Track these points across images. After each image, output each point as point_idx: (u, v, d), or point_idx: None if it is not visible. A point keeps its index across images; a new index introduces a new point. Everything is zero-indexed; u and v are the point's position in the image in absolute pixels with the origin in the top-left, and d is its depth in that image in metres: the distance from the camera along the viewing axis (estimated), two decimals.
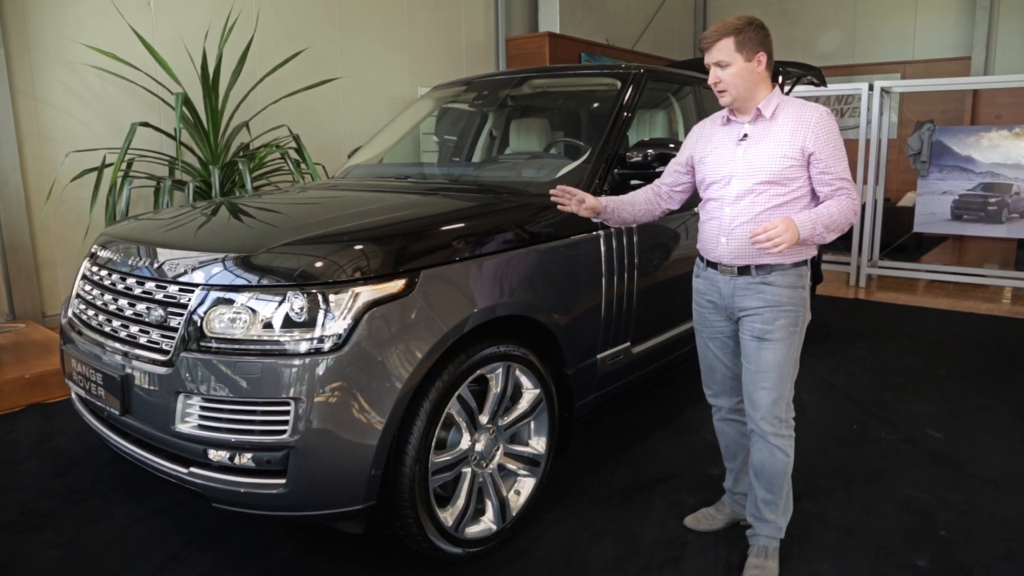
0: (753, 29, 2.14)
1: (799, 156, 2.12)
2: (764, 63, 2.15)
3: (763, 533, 2.35)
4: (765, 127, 2.18)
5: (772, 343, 2.20)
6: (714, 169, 2.26)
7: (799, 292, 2.22)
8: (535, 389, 2.47)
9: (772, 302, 2.19)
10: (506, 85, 3.82)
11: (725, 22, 2.15)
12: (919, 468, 3.05)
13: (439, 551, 2.21)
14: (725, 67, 2.15)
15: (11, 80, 4.56)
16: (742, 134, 2.21)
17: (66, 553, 2.39)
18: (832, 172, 2.11)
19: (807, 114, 2.13)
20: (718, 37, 2.14)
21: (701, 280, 2.38)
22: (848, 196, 2.12)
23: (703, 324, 2.41)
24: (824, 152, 2.10)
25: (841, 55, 11.15)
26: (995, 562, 2.37)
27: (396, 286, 2.05)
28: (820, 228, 2.07)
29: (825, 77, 5.26)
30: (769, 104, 2.17)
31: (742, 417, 2.44)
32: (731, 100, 2.18)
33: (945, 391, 3.98)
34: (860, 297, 6.58)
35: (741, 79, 2.14)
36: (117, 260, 2.37)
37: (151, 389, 2.07)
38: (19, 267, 4.73)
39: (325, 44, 6.41)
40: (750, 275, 2.21)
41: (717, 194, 2.25)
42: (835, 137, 2.13)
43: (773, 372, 2.22)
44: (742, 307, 2.25)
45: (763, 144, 2.16)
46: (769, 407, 2.25)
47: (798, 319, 2.22)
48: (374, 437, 1.96)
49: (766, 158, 2.14)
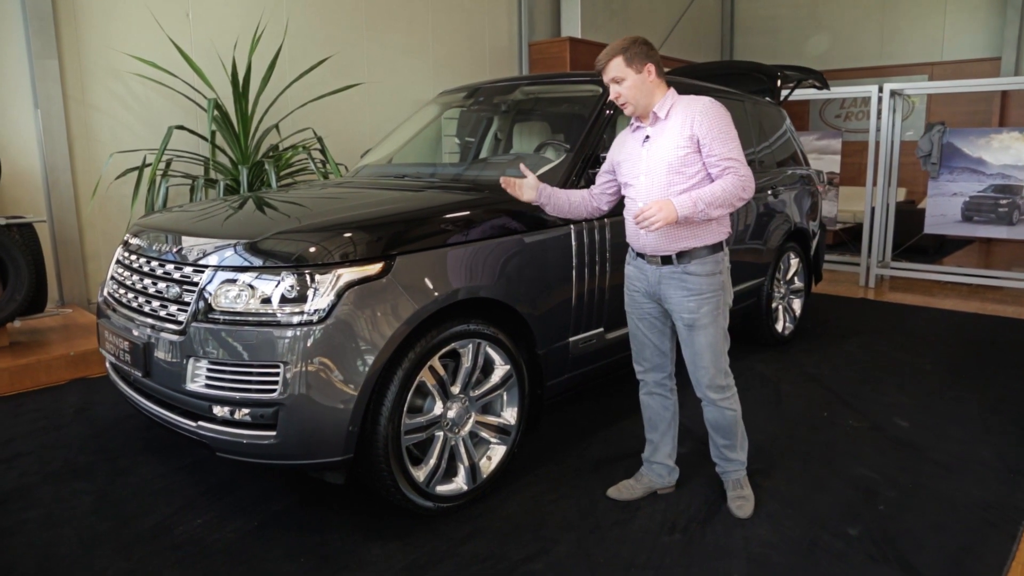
0: (637, 46, 2.45)
1: (690, 144, 2.41)
2: (654, 72, 2.46)
3: (731, 470, 2.75)
4: (662, 126, 2.48)
5: (701, 328, 2.52)
6: (627, 170, 2.58)
7: (718, 278, 2.53)
8: (505, 365, 2.76)
9: (695, 291, 2.50)
10: (504, 91, 4.12)
11: (612, 45, 2.48)
12: (878, 452, 3.25)
13: (412, 503, 2.52)
14: (621, 82, 2.46)
15: (64, 87, 5.03)
16: (645, 136, 2.53)
17: (98, 499, 2.77)
18: (717, 153, 2.39)
19: (693, 105, 2.44)
20: (609, 58, 2.46)
21: (632, 267, 2.69)
22: (735, 174, 2.38)
23: (634, 306, 2.70)
24: (708, 136, 2.39)
25: (868, 56, 11.16)
26: (923, 532, 2.58)
27: (374, 269, 2.37)
28: (701, 205, 2.34)
29: (847, 80, 5.38)
30: (663, 106, 2.48)
31: (665, 391, 2.76)
32: (633, 110, 2.51)
33: (924, 384, 4.15)
34: (868, 297, 6.70)
35: (636, 91, 2.46)
36: (144, 246, 2.75)
37: (167, 354, 2.43)
38: (68, 258, 5.20)
39: (352, 50, 6.79)
40: (672, 264, 2.51)
41: (632, 192, 2.57)
42: (719, 121, 2.41)
43: (707, 353, 2.55)
44: (668, 297, 2.55)
45: (661, 140, 2.47)
46: (709, 381, 2.60)
47: (719, 302, 2.54)
48: (350, 398, 2.28)
49: (664, 151, 2.45)
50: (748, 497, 2.71)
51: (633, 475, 2.89)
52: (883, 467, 3.09)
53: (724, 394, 2.64)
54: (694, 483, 2.91)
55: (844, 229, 8.82)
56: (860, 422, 3.59)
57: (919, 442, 3.35)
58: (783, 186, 4.69)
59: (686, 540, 2.52)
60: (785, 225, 4.66)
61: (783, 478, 2.98)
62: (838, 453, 3.23)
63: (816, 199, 5.22)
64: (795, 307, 5.06)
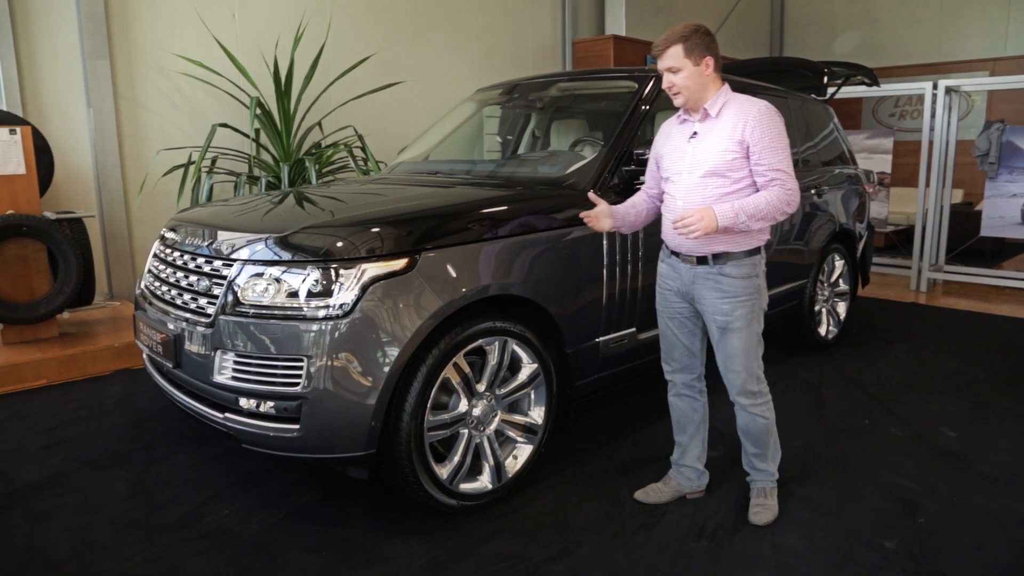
0: (699, 36, 2.35)
1: (739, 148, 2.31)
2: (712, 66, 2.36)
3: (759, 479, 2.66)
4: (712, 124, 2.38)
5: (734, 332, 2.44)
6: (670, 165, 2.49)
7: (753, 281, 2.43)
8: (533, 364, 2.74)
9: (729, 293, 2.41)
10: (540, 88, 4.09)
11: (673, 31, 2.36)
12: (920, 462, 3.12)
13: (434, 501, 2.52)
14: (676, 72, 2.36)
15: (115, 86, 5.19)
16: (692, 132, 2.43)
17: (132, 486, 2.84)
18: (766, 163, 2.29)
19: (747, 108, 2.33)
20: (667, 45, 2.35)
21: (665, 265, 2.61)
22: (781, 187, 2.29)
23: (665, 304, 2.63)
24: (759, 144, 2.29)
25: (925, 53, 10.76)
26: (964, 549, 2.46)
27: (399, 264, 2.36)
28: (743, 217, 2.26)
29: (902, 77, 5.21)
30: (716, 103, 2.38)
31: (694, 393, 2.69)
32: (684, 101, 2.40)
33: (975, 393, 3.97)
34: (919, 302, 6.46)
35: (691, 82, 2.35)
36: (178, 240, 2.81)
37: (196, 346, 2.47)
38: (117, 253, 5.36)
39: (395, 49, 6.84)
40: (708, 264, 2.42)
41: (672, 189, 2.48)
42: (772, 130, 2.30)
43: (740, 357, 2.47)
44: (702, 297, 2.47)
45: (708, 140, 2.37)
46: (741, 386, 2.52)
47: (755, 306, 2.45)
48: (373, 393, 2.29)
49: (710, 152, 2.35)
50: (769, 507, 2.62)
51: (661, 478, 2.83)
52: (925, 478, 2.97)
53: (755, 400, 2.55)
54: (724, 488, 2.84)
55: (896, 231, 8.53)
56: (903, 430, 3.46)
57: (965, 453, 3.21)
58: (828, 186, 4.55)
59: (713, 547, 2.45)
60: (829, 226, 4.52)
61: (818, 486, 2.89)
62: (878, 462, 3.11)
63: (864, 200, 5.05)
64: (839, 310, 4.90)
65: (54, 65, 4.98)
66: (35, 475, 2.93)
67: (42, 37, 4.92)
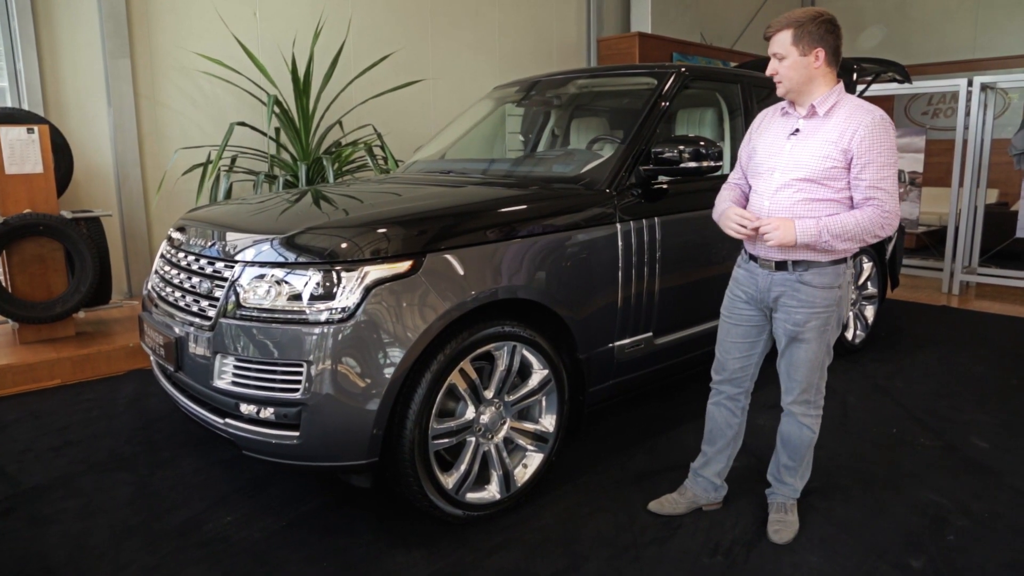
0: (815, 24, 2.15)
1: (841, 157, 2.13)
2: (823, 59, 2.16)
3: (781, 493, 2.55)
4: (817, 124, 2.20)
5: (803, 342, 2.30)
6: (762, 159, 2.31)
7: (835, 292, 2.26)
8: (544, 370, 2.65)
9: (806, 303, 2.26)
10: (558, 85, 4.00)
11: (789, 14, 2.18)
12: (950, 475, 2.98)
13: (439, 511, 2.44)
14: (781, 59, 2.19)
15: (135, 85, 5.20)
16: (794, 128, 2.25)
17: (136, 491, 2.81)
18: (867, 179, 2.11)
19: (860, 115, 2.14)
20: (777, 29, 2.19)
21: (741, 271, 2.45)
22: (878, 207, 2.12)
23: (731, 310, 2.48)
24: (864, 157, 2.10)
25: (960, 50, 10.46)
26: (996, 569, 2.33)
27: (403, 266, 2.29)
28: (827, 236, 2.10)
29: (936, 75, 5.02)
30: (826, 101, 2.19)
31: (735, 408, 2.56)
32: (785, 91, 2.24)
33: (1009, 402, 3.80)
34: (951, 305, 6.25)
35: (795, 72, 2.18)
36: (183, 240, 2.76)
37: (197, 350, 2.42)
38: (136, 251, 5.37)
39: (416, 46, 6.79)
40: (787, 270, 2.27)
41: (759, 186, 2.31)
42: (883, 145, 2.11)
43: (804, 368, 2.34)
44: (777, 302, 2.32)
45: (811, 141, 2.19)
46: (798, 395, 2.41)
47: (831, 319, 2.29)
48: (375, 400, 2.21)
49: (810, 156, 2.17)
50: (790, 523, 2.51)
51: (677, 488, 2.72)
52: (955, 492, 2.83)
53: (809, 411, 2.43)
54: (743, 502, 2.73)
55: (927, 232, 8.28)
56: (932, 441, 3.31)
57: (998, 466, 3.05)
58: None
59: (728, 563, 2.35)
60: None
61: (841, 499, 2.76)
62: (905, 474, 2.97)
63: None
64: (867, 314, 4.74)
65: (75, 64, 5.00)
66: (41, 477, 2.92)
67: (64, 37, 4.94)
